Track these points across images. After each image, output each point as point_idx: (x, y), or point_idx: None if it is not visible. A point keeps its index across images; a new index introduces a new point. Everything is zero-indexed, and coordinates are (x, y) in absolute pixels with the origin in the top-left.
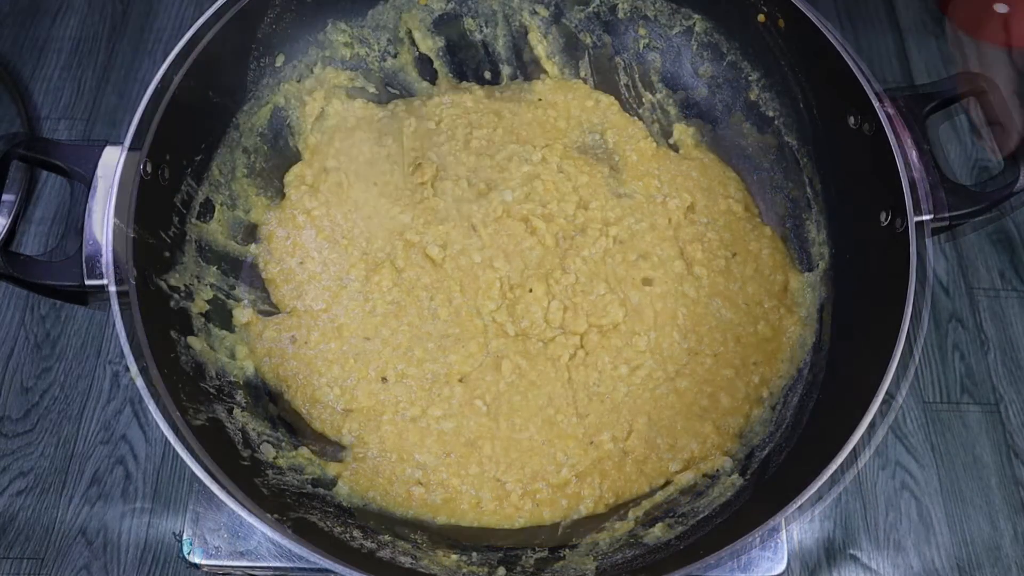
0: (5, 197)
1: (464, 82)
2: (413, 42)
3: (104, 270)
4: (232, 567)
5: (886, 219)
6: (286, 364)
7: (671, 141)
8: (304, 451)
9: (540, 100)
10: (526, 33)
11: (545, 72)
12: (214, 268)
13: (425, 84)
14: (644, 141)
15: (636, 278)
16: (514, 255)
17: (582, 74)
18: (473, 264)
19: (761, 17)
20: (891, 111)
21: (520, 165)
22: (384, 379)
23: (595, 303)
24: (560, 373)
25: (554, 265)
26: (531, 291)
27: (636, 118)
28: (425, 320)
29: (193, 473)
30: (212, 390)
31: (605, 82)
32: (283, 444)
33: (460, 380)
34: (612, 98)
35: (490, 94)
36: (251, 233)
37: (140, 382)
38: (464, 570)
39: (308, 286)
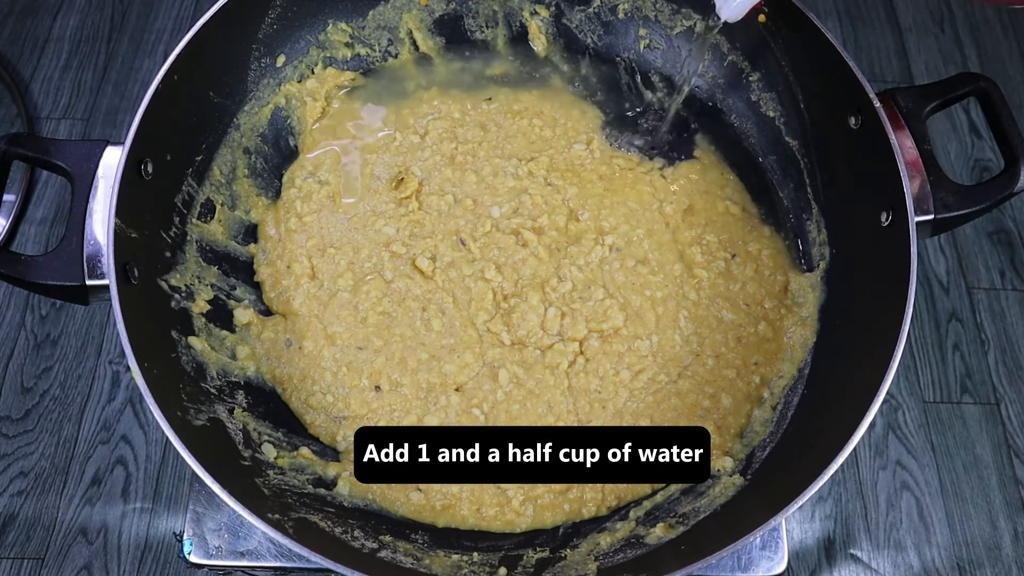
0: (5, 197)
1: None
2: (414, 42)
3: (105, 270)
4: (232, 567)
5: (886, 219)
6: (283, 367)
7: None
8: (305, 451)
9: (525, 110)
10: (526, 33)
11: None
12: (215, 268)
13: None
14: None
15: (636, 283)
16: (506, 266)
17: (583, 73)
18: (464, 276)
19: (762, 17)
20: (891, 111)
21: (506, 180)
22: (377, 388)
23: (594, 308)
24: (559, 381)
25: (549, 274)
26: (526, 300)
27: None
28: (418, 331)
29: (193, 473)
30: (213, 390)
31: (605, 82)
32: (284, 444)
33: (457, 389)
34: (597, 109)
35: (476, 105)
36: (252, 233)
37: (140, 382)
38: (465, 570)
39: (297, 291)
